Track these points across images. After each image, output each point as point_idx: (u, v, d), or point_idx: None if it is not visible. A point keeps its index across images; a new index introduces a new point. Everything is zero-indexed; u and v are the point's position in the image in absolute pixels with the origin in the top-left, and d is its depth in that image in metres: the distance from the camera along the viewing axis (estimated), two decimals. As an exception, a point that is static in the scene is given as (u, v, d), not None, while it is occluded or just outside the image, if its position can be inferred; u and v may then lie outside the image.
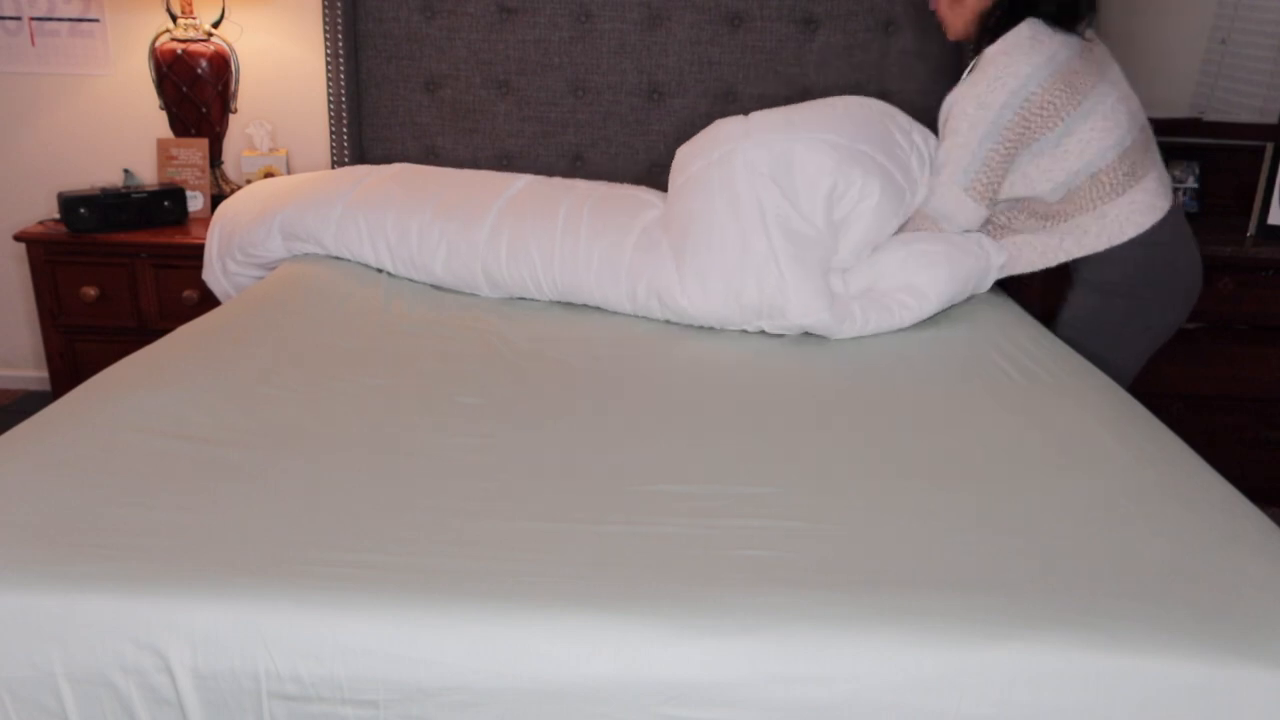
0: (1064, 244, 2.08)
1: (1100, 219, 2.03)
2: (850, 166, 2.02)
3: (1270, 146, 2.75)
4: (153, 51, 2.75)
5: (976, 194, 2.04)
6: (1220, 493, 1.43)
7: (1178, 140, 2.87)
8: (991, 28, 2.04)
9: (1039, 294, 2.44)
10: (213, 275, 2.52)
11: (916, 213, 2.14)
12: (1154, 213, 2.04)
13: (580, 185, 2.40)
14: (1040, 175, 2.03)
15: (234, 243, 2.44)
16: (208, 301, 2.63)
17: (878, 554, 1.25)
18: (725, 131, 2.15)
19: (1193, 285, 2.10)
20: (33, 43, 2.93)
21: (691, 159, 2.19)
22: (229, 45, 2.80)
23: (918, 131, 2.18)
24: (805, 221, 2.03)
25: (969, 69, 2.12)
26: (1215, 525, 1.33)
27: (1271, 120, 2.84)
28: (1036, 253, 2.13)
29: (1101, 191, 2.02)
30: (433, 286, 2.30)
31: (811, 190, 2.03)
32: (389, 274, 2.33)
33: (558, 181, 2.45)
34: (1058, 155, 2.00)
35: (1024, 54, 1.96)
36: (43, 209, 3.02)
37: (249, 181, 2.86)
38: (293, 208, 2.37)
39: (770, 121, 2.12)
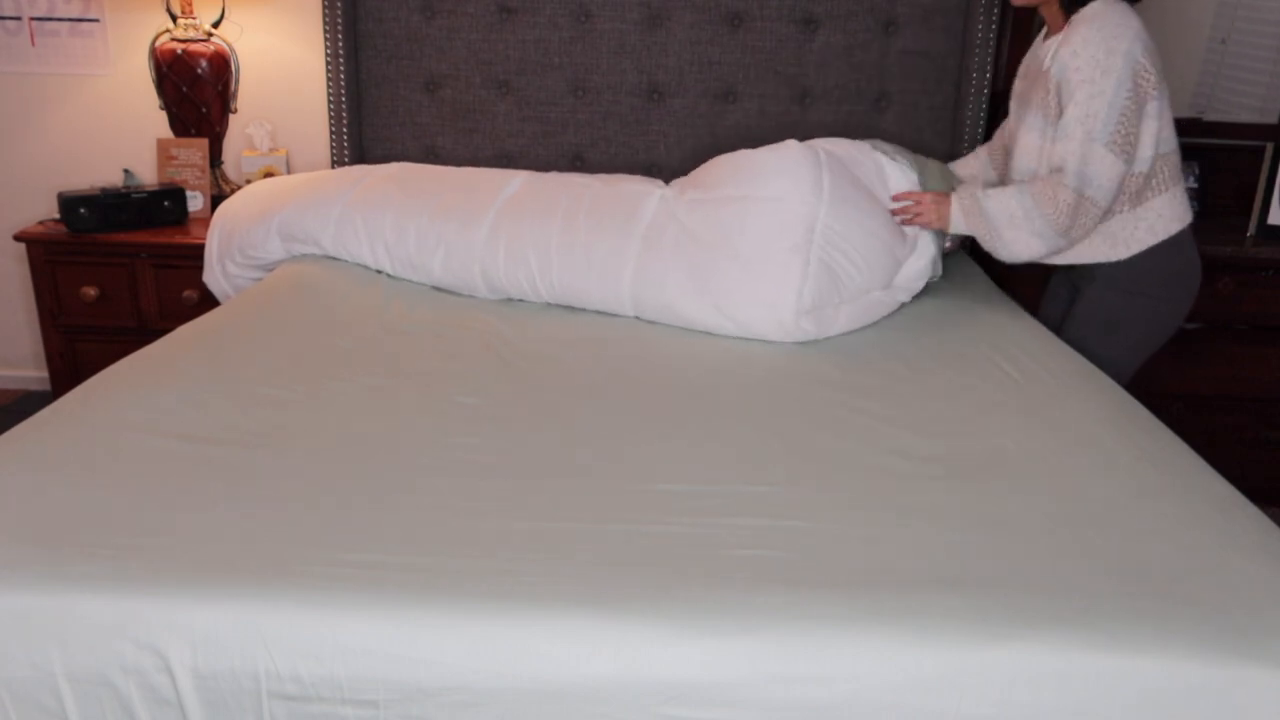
0: (1136, 232, 2.05)
1: (1172, 201, 2.05)
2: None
3: (1270, 146, 2.75)
4: (153, 51, 2.75)
5: (1117, 148, 1.93)
6: (1220, 493, 1.43)
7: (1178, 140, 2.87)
8: None
9: (1037, 294, 2.44)
10: (213, 277, 2.51)
11: (1050, 182, 1.97)
12: (1189, 207, 2.09)
13: (575, 181, 2.37)
14: (1145, 144, 1.99)
15: (233, 244, 2.43)
16: (208, 301, 2.63)
17: (877, 554, 1.25)
18: (799, 171, 2.11)
19: (1195, 290, 2.13)
20: (33, 43, 2.93)
21: (752, 180, 2.14)
22: (229, 45, 2.80)
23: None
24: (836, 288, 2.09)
25: (1042, 34, 2.12)
26: (1215, 525, 1.33)
27: (1271, 120, 2.84)
28: (1140, 235, 2.06)
29: (1172, 173, 2.04)
30: (432, 287, 2.30)
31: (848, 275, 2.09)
32: (388, 275, 2.33)
33: (553, 178, 2.42)
34: (1153, 125, 1.98)
35: (1128, 15, 1.95)
36: (43, 209, 3.02)
37: (249, 181, 2.86)
38: (290, 209, 2.36)
39: (845, 195, 2.13)
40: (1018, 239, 2.04)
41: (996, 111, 2.73)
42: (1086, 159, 1.93)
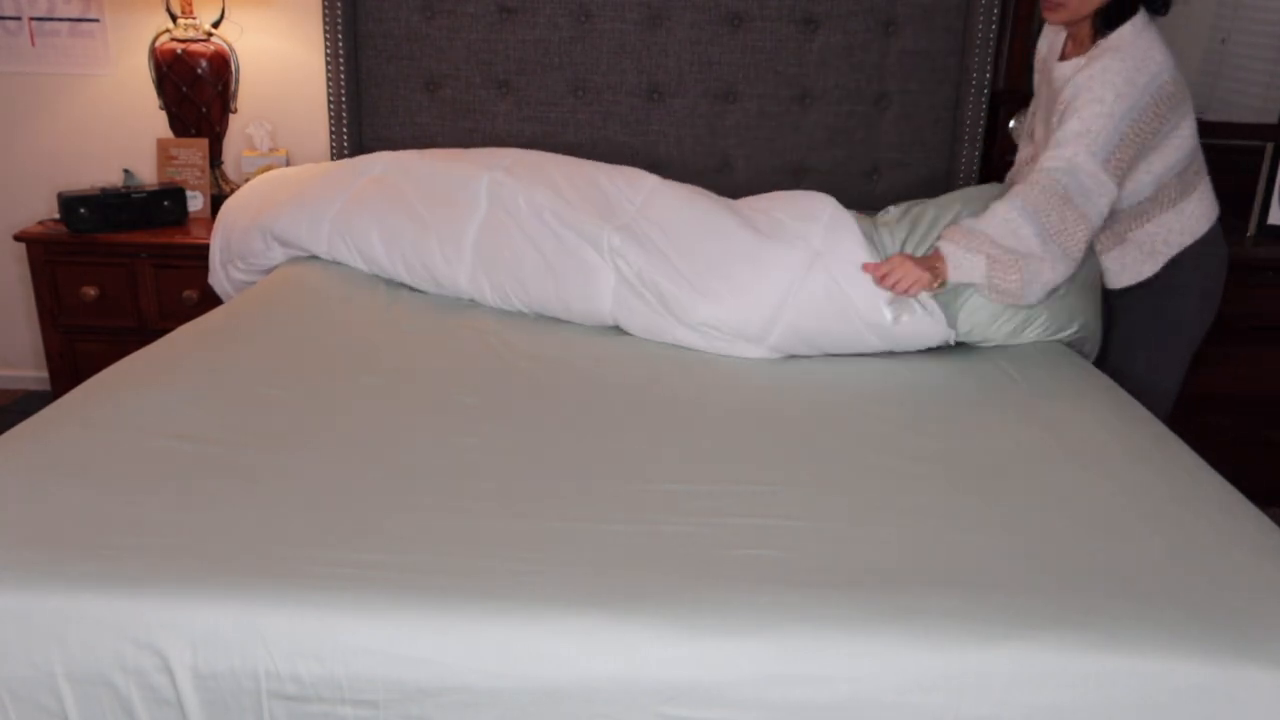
0: (1170, 235, 2.05)
1: (1201, 200, 2.05)
2: None
3: (1270, 146, 2.74)
4: (153, 51, 2.75)
5: (1112, 171, 1.89)
6: (1220, 493, 1.43)
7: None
8: (1112, 15, 1.94)
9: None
10: (217, 281, 2.51)
11: (1038, 186, 1.88)
12: (1216, 203, 2.09)
13: (534, 203, 2.19)
14: (1144, 171, 1.98)
15: (234, 251, 2.43)
16: (208, 301, 2.63)
17: (878, 554, 1.25)
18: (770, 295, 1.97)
19: (1223, 281, 2.15)
20: (33, 43, 2.93)
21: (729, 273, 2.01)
22: (229, 45, 2.80)
23: None
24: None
25: (1053, 41, 2.10)
26: (1215, 525, 1.33)
27: (1271, 120, 2.84)
28: (1173, 239, 2.06)
29: (1186, 186, 2.03)
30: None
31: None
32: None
33: (520, 192, 2.22)
34: (1162, 151, 1.98)
35: (1158, 44, 1.93)
36: (43, 209, 3.02)
37: (248, 179, 2.86)
38: (284, 221, 2.32)
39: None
40: (1034, 254, 1.87)
41: (997, 111, 2.73)
42: (1084, 172, 1.87)
